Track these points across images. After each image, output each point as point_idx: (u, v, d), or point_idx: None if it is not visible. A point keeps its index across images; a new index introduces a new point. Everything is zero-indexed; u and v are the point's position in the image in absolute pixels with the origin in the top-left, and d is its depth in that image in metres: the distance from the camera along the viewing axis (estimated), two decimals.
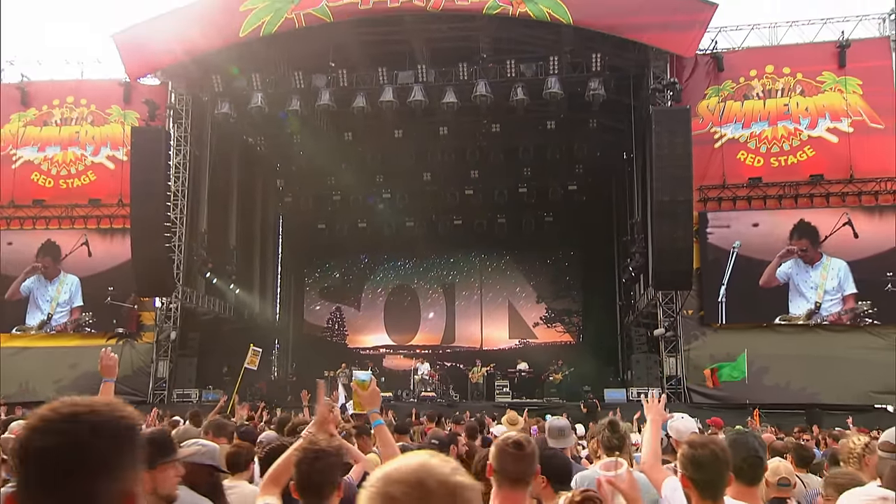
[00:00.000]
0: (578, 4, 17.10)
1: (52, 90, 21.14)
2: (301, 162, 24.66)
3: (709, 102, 18.87)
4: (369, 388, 3.19)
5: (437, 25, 18.41)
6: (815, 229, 17.79)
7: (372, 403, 3.19)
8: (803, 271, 17.69)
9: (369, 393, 3.18)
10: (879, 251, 17.40)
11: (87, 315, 19.57)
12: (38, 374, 18.74)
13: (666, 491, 3.05)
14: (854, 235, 17.47)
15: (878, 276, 17.21)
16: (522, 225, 26.35)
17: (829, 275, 17.60)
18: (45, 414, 1.23)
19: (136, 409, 1.36)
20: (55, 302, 19.69)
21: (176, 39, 18.38)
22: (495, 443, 2.97)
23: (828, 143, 18.31)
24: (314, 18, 17.89)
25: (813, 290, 17.63)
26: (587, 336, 27.14)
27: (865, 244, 17.47)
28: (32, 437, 1.20)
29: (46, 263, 19.83)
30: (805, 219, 17.92)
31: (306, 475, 2.70)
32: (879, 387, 16.92)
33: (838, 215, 17.69)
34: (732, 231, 18.04)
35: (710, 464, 2.79)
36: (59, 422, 1.21)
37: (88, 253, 19.61)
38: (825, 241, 17.61)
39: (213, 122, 20.72)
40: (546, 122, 21.05)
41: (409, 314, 29.04)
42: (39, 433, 1.20)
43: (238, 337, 23.18)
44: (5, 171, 20.60)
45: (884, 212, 17.78)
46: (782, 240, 17.90)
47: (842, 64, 18.51)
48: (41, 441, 1.19)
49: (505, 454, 2.73)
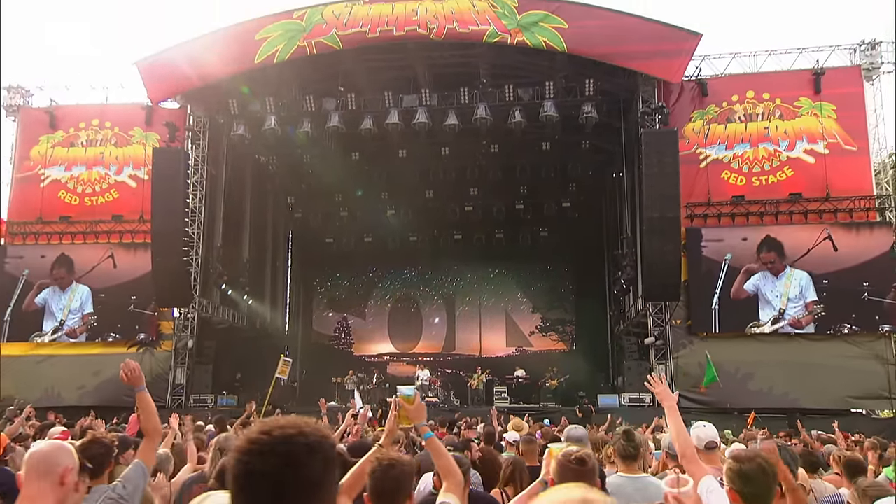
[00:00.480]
0: (572, 34, 17.29)
1: (79, 113, 21.32)
2: (311, 180, 24.81)
3: (694, 125, 19.04)
4: (415, 403, 3.10)
5: (440, 52, 18.66)
6: (780, 244, 17.95)
7: (419, 417, 3.12)
8: (770, 282, 17.88)
9: (415, 407, 3.10)
10: (856, 263, 17.59)
11: (93, 319, 19.68)
12: (62, 381, 18.83)
13: (701, 489, 2.91)
14: (833, 249, 17.69)
15: (856, 286, 17.41)
16: (519, 239, 26.56)
17: (792, 284, 17.79)
18: (257, 437, 1.22)
19: None
20: (67, 309, 19.78)
21: (195, 66, 18.64)
22: (557, 458, 2.90)
23: (805, 164, 18.55)
24: (325, 46, 18.16)
25: (778, 298, 17.80)
26: (580, 344, 27.31)
27: (844, 257, 17.66)
28: (251, 460, 1.19)
29: (61, 274, 19.92)
30: (771, 234, 18.08)
31: (380, 483, 2.69)
32: (856, 392, 17.16)
33: (817, 231, 17.91)
34: (725, 245, 18.15)
35: (758, 477, 2.71)
36: (275, 444, 1.20)
37: (114, 265, 19.74)
38: (807, 255, 17.75)
39: (228, 143, 20.95)
40: (542, 143, 21.25)
41: (411, 323, 29.21)
42: (257, 456, 1.19)
43: (250, 345, 23.39)
44: (34, 190, 20.78)
45: (860, 228, 18.00)
46: None
47: (817, 90, 18.75)
48: (261, 464, 1.18)
49: (568, 470, 2.69)
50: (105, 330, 19.74)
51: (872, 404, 17.56)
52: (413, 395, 3.09)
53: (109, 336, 19.63)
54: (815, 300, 17.61)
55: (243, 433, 1.26)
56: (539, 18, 17.46)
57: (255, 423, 1.27)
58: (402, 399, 3.04)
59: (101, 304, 19.73)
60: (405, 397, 3.06)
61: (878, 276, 17.43)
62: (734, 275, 17.93)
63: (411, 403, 3.09)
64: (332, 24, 18.08)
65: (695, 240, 18.25)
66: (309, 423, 1.25)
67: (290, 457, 1.18)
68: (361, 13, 18.04)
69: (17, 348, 19.59)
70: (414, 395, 3.09)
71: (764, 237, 18.06)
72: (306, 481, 1.19)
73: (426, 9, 17.85)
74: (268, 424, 1.23)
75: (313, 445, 1.21)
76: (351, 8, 18.15)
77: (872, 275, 17.46)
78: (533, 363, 24.29)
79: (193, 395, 19.20)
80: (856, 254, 17.69)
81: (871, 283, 17.36)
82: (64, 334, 19.71)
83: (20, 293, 19.86)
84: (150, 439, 3.50)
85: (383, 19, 17.92)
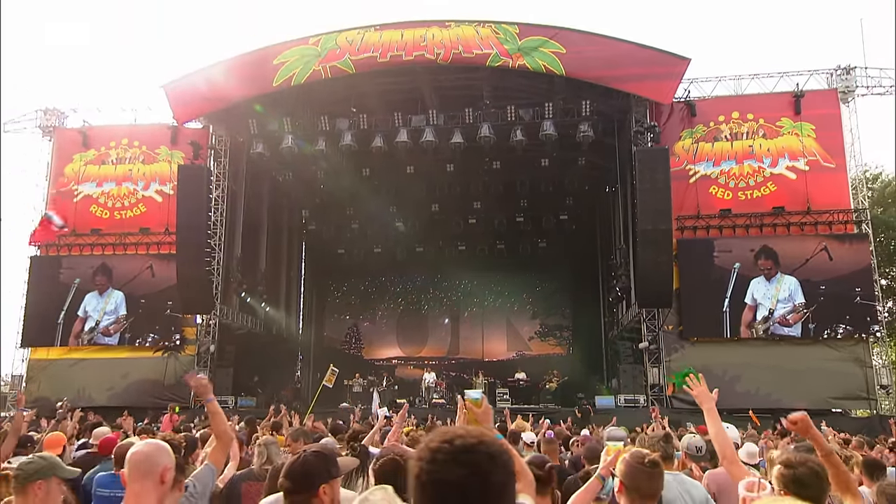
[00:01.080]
0: (570, 58, 17.49)
1: (110, 134, 21.55)
2: (324, 194, 24.98)
3: (684, 143, 19.25)
4: (482, 406, 2.92)
5: (445, 76, 18.84)
6: (775, 252, 18.16)
7: (487, 420, 2.93)
8: (763, 286, 18.06)
9: (483, 410, 2.92)
10: (840, 273, 17.79)
11: (127, 321, 19.94)
12: (93, 383, 18.99)
13: (741, 490, 2.73)
14: (829, 258, 17.88)
15: (844, 292, 17.60)
16: (519, 250, 26.66)
17: (782, 287, 17.98)
18: (440, 446, 1.19)
19: None
20: (103, 311, 20.04)
21: (217, 89, 18.79)
22: (626, 461, 2.75)
23: (787, 180, 18.75)
24: (338, 70, 18.34)
25: (769, 299, 17.98)
26: (576, 348, 27.37)
27: (829, 266, 17.83)
28: (436, 469, 1.17)
29: (102, 281, 20.23)
30: (769, 244, 18.28)
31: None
32: (836, 393, 17.29)
33: (807, 242, 18.14)
34: (734, 255, 18.30)
35: (813, 482, 2.61)
36: (458, 453, 1.17)
37: (152, 274, 19.97)
38: (806, 264, 17.92)
39: (248, 160, 21.06)
40: (540, 160, 21.27)
41: (418, 329, 29.29)
42: (441, 465, 1.17)
43: (267, 350, 23.48)
44: (68, 205, 21.01)
45: (842, 240, 18.16)
46: None
47: (797, 111, 19.00)
48: (447, 473, 1.15)
49: (641, 472, 2.57)
50: (142, 333, 19.92)
51: (851, 404, 17.70)
52: (480, 399, 2.92)
53: (149, 338, 19.80)
54: (804, 301, 17.78)
55: (423, 442, 1.23)
56: (539, 44, 17.66)
57: (435, 432, 1.23)
58: (471, 402, 2.90)
59: (141, 309, 20.00)
60: (473, 401, 2.91)
61: (862, 284, 17.63)
62: (744, 283, 18.09)
63: (479, 406, 2.92)
64: (345, 50, 18.28)
65: (687, 250, 18.40)
66: (484, 433, 1.22)
67: (474, 466, 1.16)
68: (373, 39, 18.25)
69: (52, 352, 19.72)
70: (481, 399, 2.93)
71: (762, 246, 18.25)
72: (491, 489, 1.16)
73: (433, 35, 18.06)
74: (447, 434, 1.21)
75: (494, 454, 1.18)
76: (363, 34, 18.36)
77: (857, 283, 17.66)
78: (532, 366, 24.38)
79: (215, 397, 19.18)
80: (839, 264, 17.84)
81: (856, 290, 17.59)
82: (99, 333, 19.92)
83: (71, 300, 20.14)
84: (221, 443, 3.51)
85: (393, 45, 18.13)
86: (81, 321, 19.98)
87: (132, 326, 19.87)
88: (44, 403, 19.28)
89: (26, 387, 19.44)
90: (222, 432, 3.51)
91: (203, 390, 3.53)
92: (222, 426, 3.51)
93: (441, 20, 18.24)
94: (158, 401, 18.39)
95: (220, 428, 3.51)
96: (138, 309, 19.88)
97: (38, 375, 19.58)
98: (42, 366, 19.60)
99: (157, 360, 19.18)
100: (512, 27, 17.87)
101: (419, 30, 18.15)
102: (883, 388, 17.58)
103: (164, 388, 18.95)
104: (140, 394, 18.67)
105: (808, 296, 17.73)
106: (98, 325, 19.98)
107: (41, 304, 19.99)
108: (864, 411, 17.72)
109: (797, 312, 17.79)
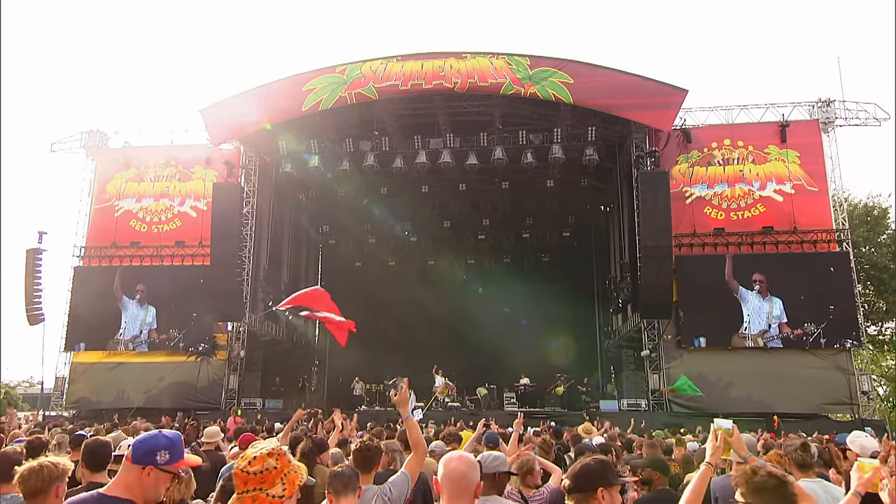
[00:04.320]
0: (577, 88, 17.78)
1: (149, 154, 21.64)
2: (343, 211, 25.08)
3: (680, 167, 19.54)
4: (734, 435, 2.79)
5: (460, 103, 19.05)
6: (766, 268, 18.31)
7: (741, 449, 2.78)
8: (757, 301, 18.19)
9: (735, 439, 2.79)
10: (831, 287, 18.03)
11: (163, 327, 19.84)
12: (131, 385, 18.91)
13: None
14: (830, 270, 18.18)
15: (825, 304, 17.81)
16: (524, 264, 26.88)
17: (773, 307, 18.16)
18: None
19: None
20: (143, 320, 19.99)
21: (251, 113, 18.93)
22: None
23: (775, 202, 19.04)
24: (363, 97, 18.54)
25: (765, 316, 18.12)
26: (575, 355, 27.25)
27: (813, 281, 18.02)
28: None
29: (140, 290, 20.20)
30: (760, 261, 18.44)
31: None
32: (822, 398, 17.41)
33: (787, 258, 18.36)
34: (728, 271, 18.37)
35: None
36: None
37: (187, 284, 19.78)
38: (793, 279, 18.07)
39: (276, 178, 21.17)
40: (546, 181, 21.56)
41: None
42: None
43: (288, 355, 23.43)
44: (109, 219, 21.05)
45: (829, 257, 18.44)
46: None
47: (783, 139, 19.39)
48: None
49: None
50: (176, 339, 19.74)
51: (836, 409, 17.82)
52: (732, 429, 2.81)
53: (180, 344, 19.62)
54: (787, 321, 18.00)
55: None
56: (549, 74, 17.92)
57: None
58: (723, 432, 2.74)
59: (176, 317, 19.87)
60: (726, 430, 2.77)
61: (844, 297, 17.84)
62: (737, 297, 18.22)
63: (731, 436, 2.80)
64: (369, 78, 18.49)
65: (685, 266, 18.51)
66: None
67: None
68: (395, 69, 18.47)
69: (92, 356, 19.62)
70: (732, 428, 2.81)
71: (753, 262, 18.45)
72: None
73: (451, 65, 18.30)
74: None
75: None
76: (386, 64, 18.58)
77: (840, 296, 17.89)
78: (535, 372, 24.29)
79: (244, 399, 19.22)
80: (823, 279, 18.05)
81: (838, 303, 17.76)
82: (138, 339, 19.83)
83: (112, 308, 20.03)
84: (417, 454, 3.43)
85: (414, 74, 18.36)
86: (121, 328, 19.92)
87: (168, 333, 19.79)
88: (85, 404, 19.25)
89: (69, 388, 19.35)
90: (415, 441, 3.43)
91: (400, 401, 3.42)
92: (415, 435, 3.43)
93: (458, 52, 18.51)
94: (192, 403, 18.32)
95: (414, 436, 3.43)
96: (174, 316, 19.81)
97: (79, 378, 19.47)
98: (83, 369, 19.50)
99: (191, 364, 19.11)
100: (524, 59, 18.14)
101: (438, 61, 18.41)
102: (864, 394, 17.72)
103: (196, 391, 18.89)
104: (175, 396, 18.57)
105: (796, 309, 17.91)
106: (138, 333, 19.93)
107: (83, 311, 19.90)
108: (847, 415, 17.84)
109: (788, 325, 17.98)
